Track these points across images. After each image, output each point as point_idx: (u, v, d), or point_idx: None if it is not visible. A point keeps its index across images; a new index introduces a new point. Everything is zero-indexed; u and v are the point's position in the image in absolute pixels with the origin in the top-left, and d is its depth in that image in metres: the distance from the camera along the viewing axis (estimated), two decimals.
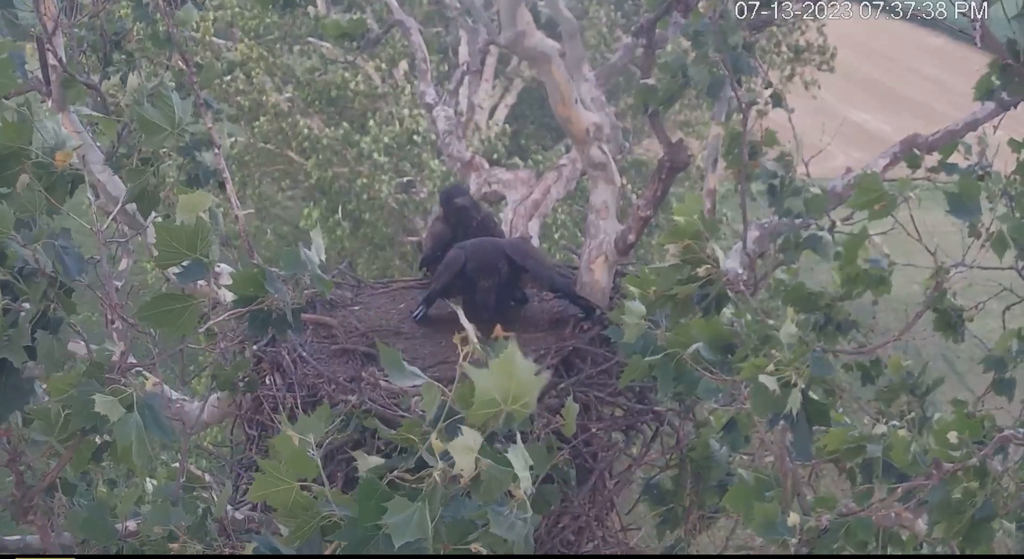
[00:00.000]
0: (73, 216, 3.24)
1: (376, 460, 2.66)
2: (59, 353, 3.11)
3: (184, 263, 3.18)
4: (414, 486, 2.50)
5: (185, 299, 3.21)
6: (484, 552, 2.48)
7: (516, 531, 2.50)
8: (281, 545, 2.73)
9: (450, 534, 2.51)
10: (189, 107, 3.50)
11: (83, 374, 3.06)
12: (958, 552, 3.50)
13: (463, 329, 2.60)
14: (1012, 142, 4.75)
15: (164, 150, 3.67)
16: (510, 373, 2.45)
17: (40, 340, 3.02)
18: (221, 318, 3.38)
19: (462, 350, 2.54)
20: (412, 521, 2.42)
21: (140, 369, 3.46)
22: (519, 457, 2.48)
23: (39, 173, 3.14)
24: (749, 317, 3.41)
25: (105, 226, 3.33)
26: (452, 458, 2.44)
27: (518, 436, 2.52)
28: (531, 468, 2.54)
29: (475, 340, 2.57)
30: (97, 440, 3.19)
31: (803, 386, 3.26)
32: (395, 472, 2.56)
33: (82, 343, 3.42)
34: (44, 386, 3.20)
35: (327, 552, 2.63)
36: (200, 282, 3.25)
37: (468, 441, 2.41)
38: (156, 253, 3.15)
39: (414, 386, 2.72)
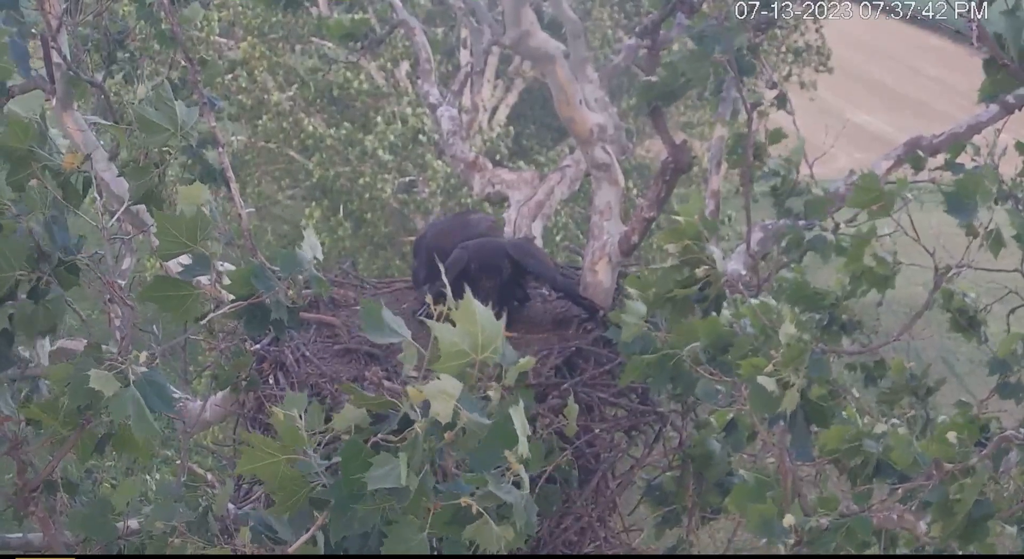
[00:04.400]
0: (79, 213, 3.24)
1: (359, 414, 2.67)
2: (43, 324, 3.10)
3: (185, 258, 3.18)
4: (397, 445, 2.53)
5: (187, 286, 3.21)
6: (475, 506, 2.48)
7: (514, 496, 2.51)
8: (272, 518, 2.73)
9: (442, 496, 2.52)
10: (195, 111, 3.50)
11: (80, 355, 3.05)
12: (958, 551, 3.50)
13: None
14: (1019, 145, 4.75)
15: (167, 150, 3.67)
16: (472, 321, 2.52)
17: (21, 306, 3.02)
18: (220, 313, 3.37)
19: (434, 309, 2.58)
20: (392, 472, 2.45)
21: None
22: (518, 417, 2.50)
23: (49, 176, 3.15)
24: (752, 306, 3.40)
25: (110, 225, 3.33)
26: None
27: (520, 400, 2.54)
28: (530, 464, 2.55)
29: (451, 300, 2.59)
30: (100, 431, 3.18)
31: (801, 386, 3.26)
32: (379, 435, 2.58)
33: (82, 340, 3.41)
34: (47, 382, 3.21)
35: (317, 523, 2.64)
36: (203, 280, 3.25)
37: (445, 386, 2.44)
38: (158, 244, 3.16)
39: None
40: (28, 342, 3.22)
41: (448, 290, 2.63)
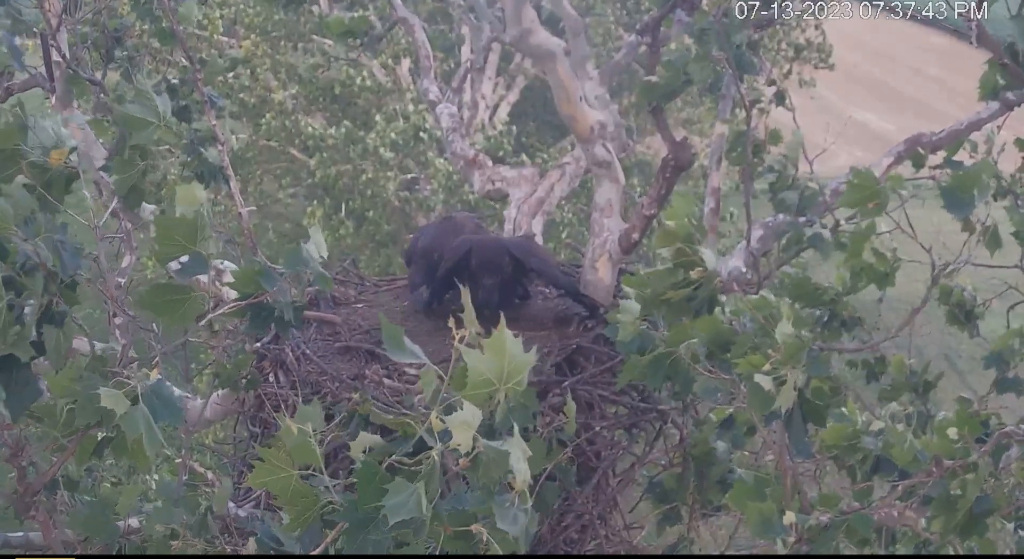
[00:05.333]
0: (71, 213, 3.24)
1: (374, 438, 2.66)
2: (65, 347, 3.10)
3: (183, 258, 3.18)
4: (413, 469, 2.51)
5: (185, 290, 3.21)
6: (485, 533, 2.48)
7: (518, 524, 2.50)
8: (282, 534, 2.73)
9: (451, 519, 2.51)
10: (168, 101, 3.50)
11: (85, 368, 3.06)
12: (960, 550, 3.50)
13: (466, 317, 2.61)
14: (1018, 141, 4.75)
15: (165, 146, 3.67)
16: (502, 352, 2.50)
17: (47, 334, 3.02)
18: (220, 312, 3.37)
19: (457, 332, 2.56)
20: (410, 501, 2.43)
21: (142, 365, 3.46)
22: (516, 448, 2.49)
23: (35, 172, 3.15)
24: (750, 302, 3.40)
25: (102, 221, 3.33)
26: (450, 440, 2.46)
27: (515, 428, 2.54)
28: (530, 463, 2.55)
29: (474, 321, 2.58)
30: (99, 435, 3.18)
31: (799, 385, 3.26)
32: (393, 457, 2.57)
33: (85, 340, 3.41)
34: (47, 383, 3.20)
35: (328, 539, 2.64)
36: (203, 279, 3.25)
37: (467, 416, 2.43)
38: (158, 248, 3.15)
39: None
40: (57, 364, 3.22)
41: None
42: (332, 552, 2.64)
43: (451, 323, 2.58)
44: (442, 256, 5.30)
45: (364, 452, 2.64)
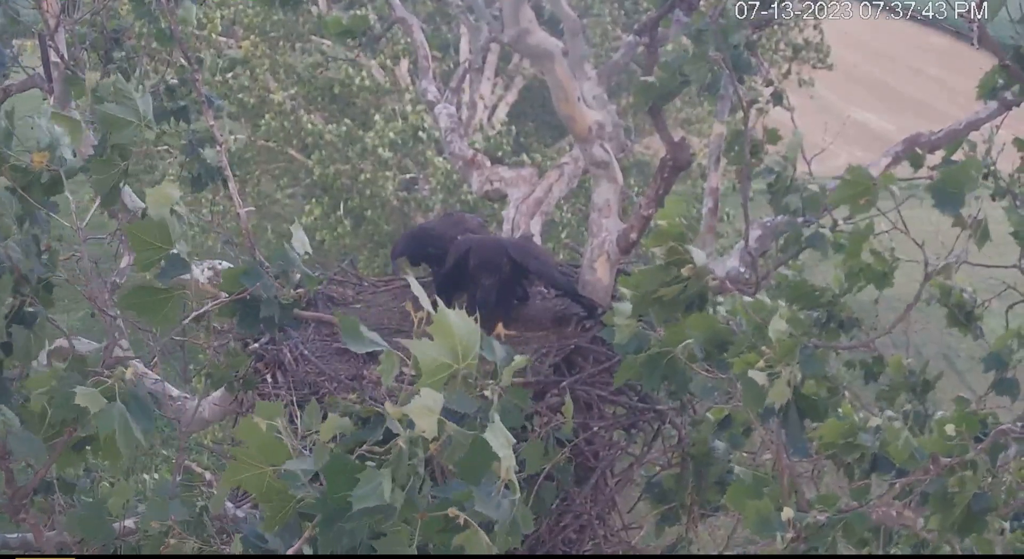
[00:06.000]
0: (54, 216, 3.24)
1: (343, 422, 2.66)
2: (36, 348, 3.11)
3: (162, 261, 3.17)
4: (382, 457, 2.50)
5: (167, 290, 3.21)
6: (463, 517, 2.47)
7: (502, 511, 2.49)
8: (262, 530, 2.73)
9: (433, 509, 2.50)
10: (149, 101, 3.49)
11: (65, 368, 3.06)
12: (957, 548, 3.50)
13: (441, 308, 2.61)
14: (1017, 141, 4.74)
15: (163, 146, 3.67)
16: (449, 332, 2.50)
17: (16, 334, 3.03)
18: (204, 310, 3.37)
19: (415, 316, 2.56)
20: (377, 490, 2.42)
21: (133, 362, 3.46)
22: (498, 436, 2.48)
23: (16, 175, 3.15)
24: (745, 304, 3.40)
25: (84, 223, 3.32)
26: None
27: (496, 416, 2.53)
28: (526, 465, 2.54)
29: (427, 306, 2.57)
30: (82, 433, 3.18)
31: (793, 382, 3.26)
32: (364, 446, 2.56)
33: (81, 340, 3.41)
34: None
35: (306, 534, 2.63)
36: (200, 278, 3.25)
37: (427, 402, 2.41)
38: (135, 255, 3.16)
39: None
40: (26, 364, 3.22)
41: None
42: (313, 547, 2.63)
43: (408, 306, 2.57)
44: (441, 238, 5.32)
45: (335, 437, 2.64)
